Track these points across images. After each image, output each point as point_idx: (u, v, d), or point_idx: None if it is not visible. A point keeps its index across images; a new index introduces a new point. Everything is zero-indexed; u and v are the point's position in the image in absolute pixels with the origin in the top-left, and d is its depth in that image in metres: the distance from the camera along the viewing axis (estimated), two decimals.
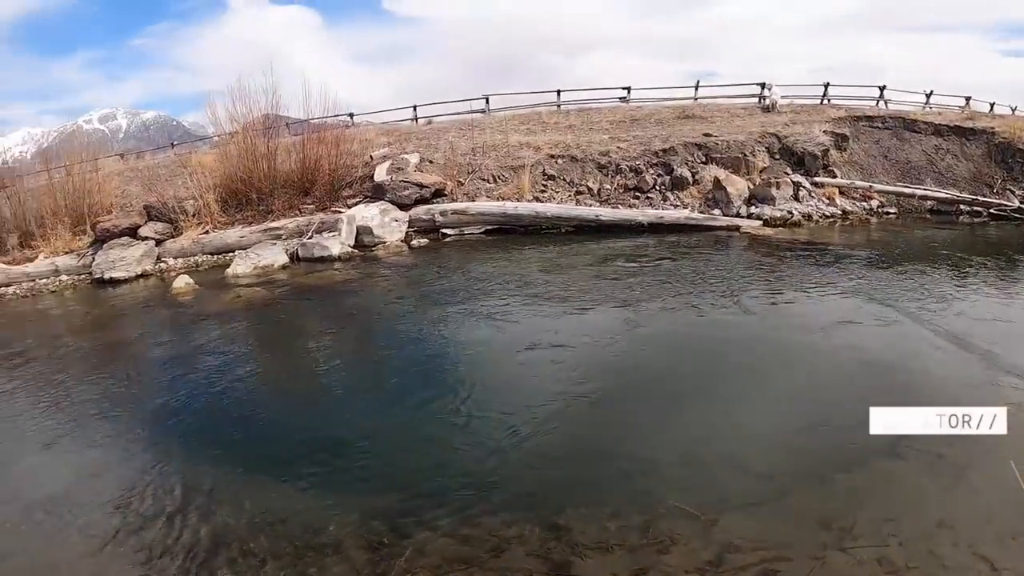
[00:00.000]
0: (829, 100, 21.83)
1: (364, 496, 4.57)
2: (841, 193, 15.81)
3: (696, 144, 16.45)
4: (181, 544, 4.48)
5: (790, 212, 14.47)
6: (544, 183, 15.85)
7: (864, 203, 15.77)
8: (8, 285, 17.16)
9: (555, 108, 21.60)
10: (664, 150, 16.24)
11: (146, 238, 16.54)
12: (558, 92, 22.20)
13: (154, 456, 5.96)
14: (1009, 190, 16.19)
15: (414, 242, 14.42)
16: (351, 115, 22.40)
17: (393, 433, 5.55)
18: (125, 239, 16.57)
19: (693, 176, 15.78)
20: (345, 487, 4.77)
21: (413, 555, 3.83)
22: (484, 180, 16.01)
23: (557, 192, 15.65)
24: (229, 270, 13.77)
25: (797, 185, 15.50)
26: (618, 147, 16.67)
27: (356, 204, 15.53)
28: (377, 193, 15.46)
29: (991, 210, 15.45)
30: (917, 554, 3.43)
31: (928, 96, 23.27)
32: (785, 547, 3.53)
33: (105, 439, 6.59)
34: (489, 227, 14.58)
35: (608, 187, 15.77)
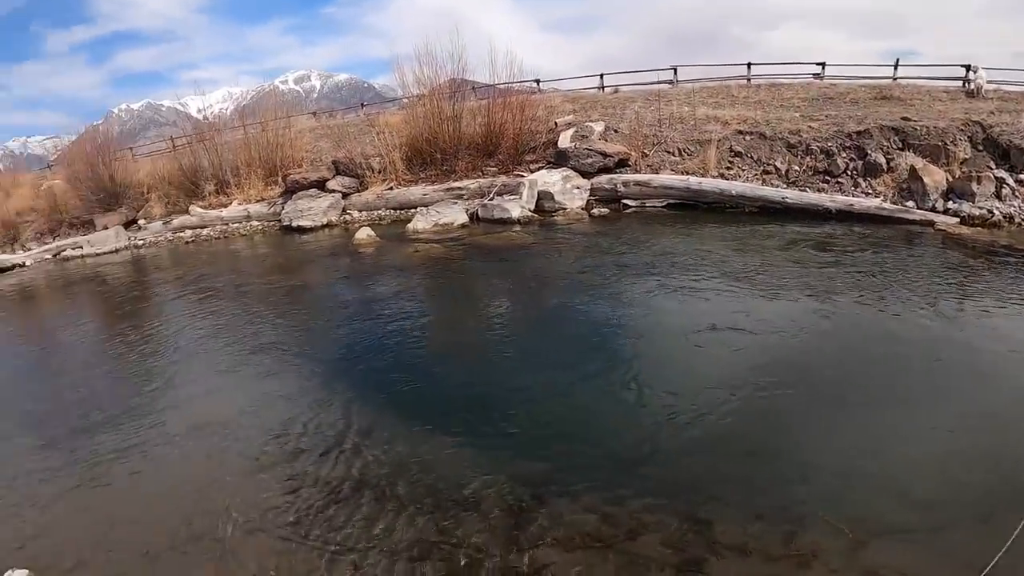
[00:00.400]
0: None
1: (512, 458, 4.51)
2: None
3: (892, 128, 15.17)
4: (329, 478, 4.57)
5: (990, 211, 13.00)
6: (730, 160, 15.18)
7: None
8: (203, 227, 18.52)
9: (745, 82, 20.68)
10: (858, 132, 15.10)
11: (333, 191, 17.28)
12: (748, 65, 21.22)
13: (320, 393, 6.16)
14: None
15: (594, 211, 14.05)
16: (537, 81, 22.40)
17: (552, 399, 5.42)
18: (313, 191, 17.38)
19: (888, 163, 14.59)
20: (495, 446, 4.71)
21: (550, 524, 3.79)
22: (669, 153, 15.53)
23: (743, 170, 14.95)
24: (410, 225, 13.97)
25: (1000, 181, 13.94)
26: (809, 126, 15.69)
27: (538, 169, 15.35)
28: (560, 159, 15.23)
29: None
30: None
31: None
32: None
33: (277, 372, 6.88)
34: (671, 201, 14.07)
35: (796, 168, 14.90)
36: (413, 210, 15.30)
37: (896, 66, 20.92)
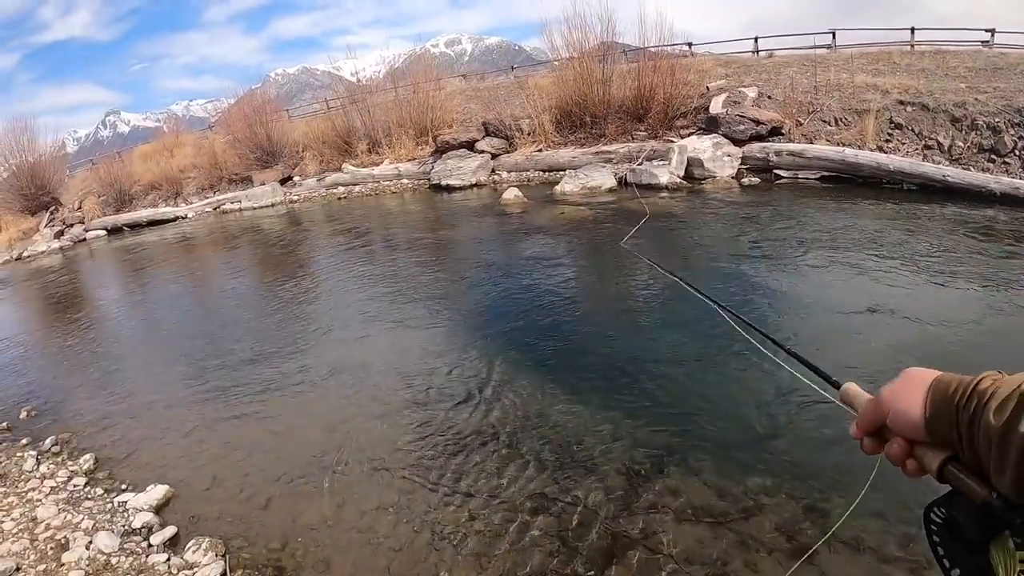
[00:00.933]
0: None
1: (638, 425, 4.54)
2: None
3: None
4: (456, 427, 4.82)
5: None
6: (889, 132, 14.56)
7: None
8: (355, 184, 19.57)
9: (907, 48, 19.74)
10: None
11: (482, 151, 17.78)
12: (912, 30, 20.13)
13: (458, 345, 6.47)
14: None
15: (745, 180, 13.80)
16: (689, 44, 22.16)
17: (686, 372, 5.37)
18: (462, 151, 17.96)
19: None
20: (623, 412, 4.75)
21: (666, 494, 3.81)
22: (824, 122, 15.06)
23: (903, 143, 14.31)
24: (557, 187, 14.20)
25: None
26: (976, 99, 14.79)
27: (688, 135, 15.17)
28: (711, 126, 14.96)
29: None
30: None
31: None
32: None
33: (419, 323, 7.28)
34: (825, 174, 13.64)
35: (960, 144, 14.12)
36: (561, 172, 15.55)
37: None
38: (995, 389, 0.72)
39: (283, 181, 21.51)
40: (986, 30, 19.72)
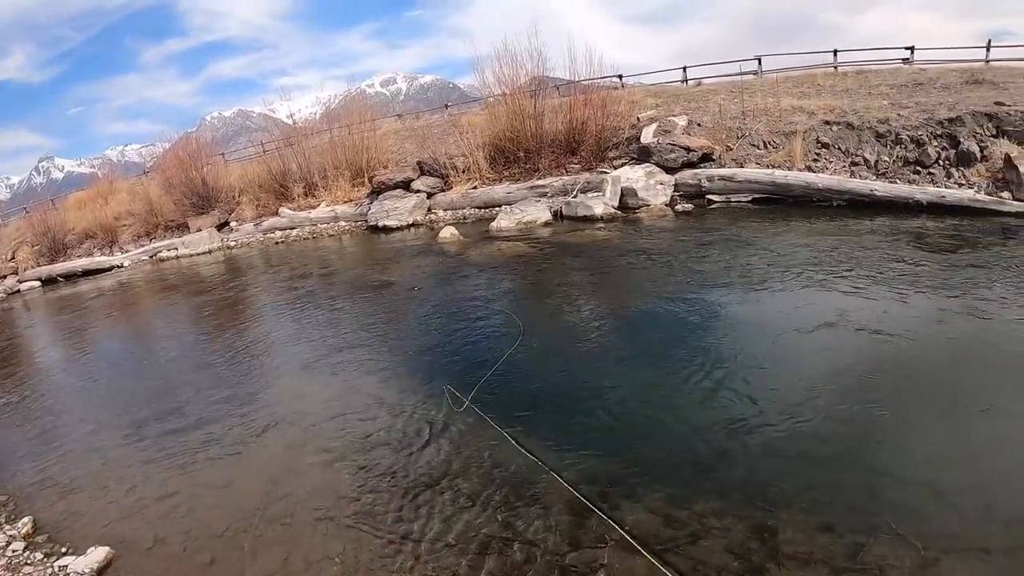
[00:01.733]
0: None
1: (584, 456, 4.57)
2: None
3: (986, 114, 14.55)
4: (400, 472, 4.76)
5: None
6: (817, 151, 14.85)
7: None
8: (293, 228, 19.35)
9: (831, 70, 20.25)
10: (950, 120, 14.51)
11: (418, 191, 17.69)
12: (835, 52, 20.71)
13: (397, 389, 6.38)
14: None
15: (679, 206, 13.89)
16: (620, 76, 22.41)
17: (632, 400, 5.43)
18: (399, 191, 17.83)
19: (981, 151, 13.95)
20: (567, 442, 4.78)
21: (612, 524, 3.80)
22: (754, 146, 15.30)
23: (831, 162, 14.60)
24: (493, 224, 14.17)
25: None
26: (898, 114, 15.20)
27: (621, 165, 15.26)
28: (643, 155, 15.10)
29: None
30: None
31: None
32: None
33: (356, 368, 7.17)
34: (756, 195, 13.81)
35: (886, 159, 14.45)
36: (497, 208, 15.49)
37: (988, 47, 20.17)
38: None
39: (220, 227, 21.14)
40: (906, 48, 20.32)
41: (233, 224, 21.22)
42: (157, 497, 5.15)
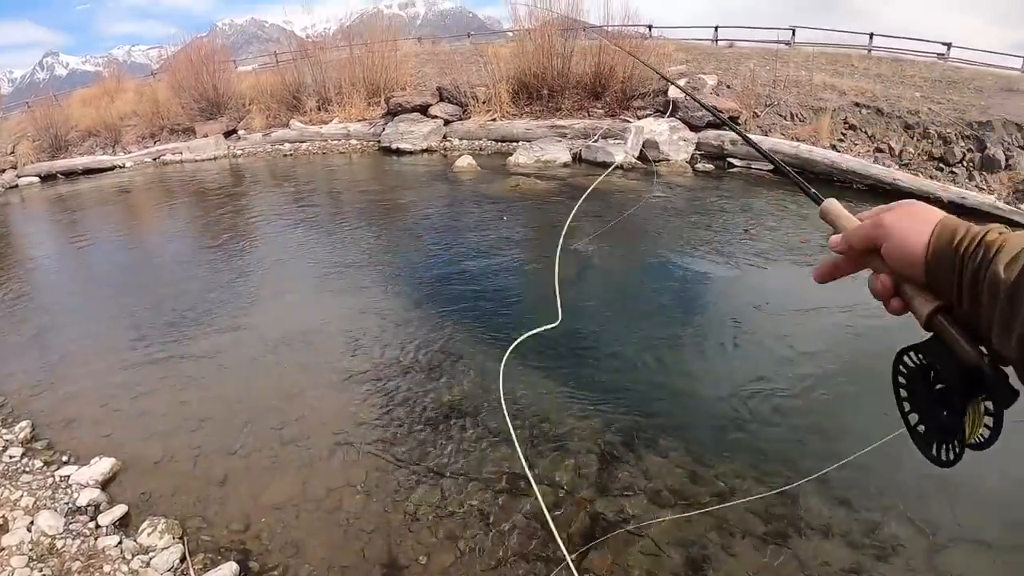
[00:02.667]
0: None
1: (606, 404, 4.48)
2: None
3: (1016, 124, 14.52)
4: (419, 400, 4.65)
5: None
6: (843, 132, 14.70)
7: None
8: (302, 141, 18.90)
9: (865, 53, 20.03)
10: (980, 123, 14.42)
11: (435, 117, 17.35)
12: (870, 35, 20.46)
13: (414, 315, 6.25)
14: None
15: (699, 165, 13.76)
16: (649, 27, 21.98)
17: (649, 353, 5.31)
18: (415, 115, 17.47)
19: (1007, 160, 13.91)
20: (590, 389, 4.69)
21: (639, 475, 3.78)
22: (781, 116, 15.09)
23: (855, 144, 14.48)
24: (511, 158, 13.96)
25: None
26: (929, 108, 15.06)
27: (646, 117, 15.03)
28: (668, 109, 15.04)
29: None
30: None
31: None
32: None
33: (371, 288, 7.02)
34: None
35: (911, 151, 14.35)
36: (515, 144, 15.28)
37: None
38: (1003, 242, 0.67)
39: (227, 134, 20.63)
40: (943, 43, 20.07)
41: (241, 133, 20.74)
42: (165, 407, 4.92)
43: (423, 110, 17.55)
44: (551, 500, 3.57)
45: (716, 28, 22.40)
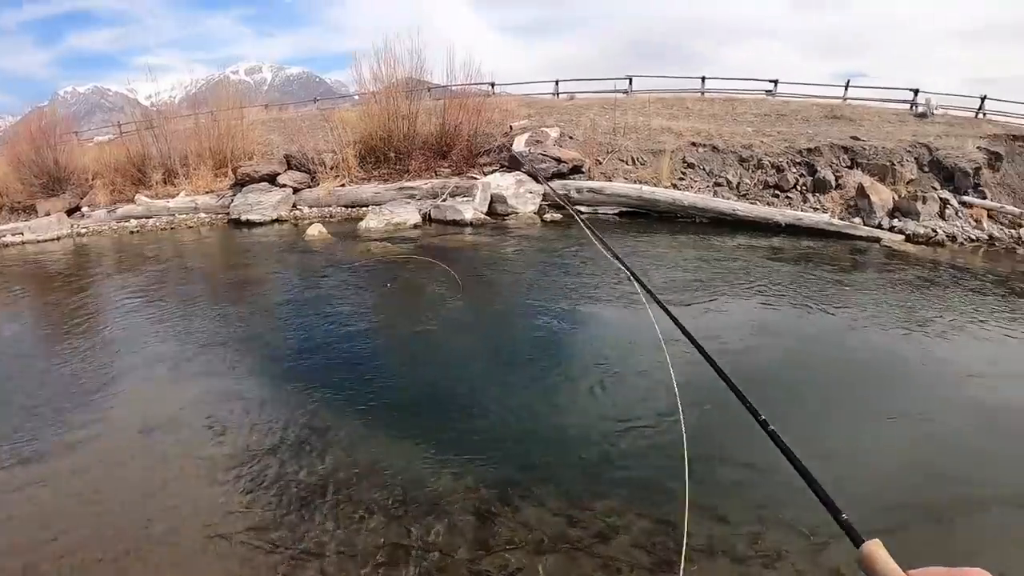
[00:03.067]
0: (985, 114, 20.35)
1: (475, 460, 4.46)
2: (989, 216, 14.57)
3: (842, 147, 15.54)
4: (289, 481, 4.44)
5: (934, 230, 13.43)
6: (683, 171, 15.37)
7: (1012, 231, 14.45)
8: (149, 217, 18.08)
9: (699, 95, 21.01)
10: (809, 149, 15.43)
11: (284, 185, 17.01)
12: (703, 79, 21.56)
13: (270, 391, 5.99)
14: None
15: (547, 216, 14.11)
16: (492, 84, 22.37)
17: (510, 402, 5.36)
18: (264, 184, 17.10)
19: (836, 180, 14.94)
20: (458, 449, 4.65)
21: (518, 527, 3.76)
22: (623, 161, 15.64)
23: (695, 181, 15.15)
24: (362, 224, 13.86)
25: (944, 202, 14.40)
26: (761, 141, 15.98)
27: (492, 172, 15.35)
28: (514, 163, 15.24)
29: None
30: None
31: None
32: None
33: (225, 368, 6.69)
34: (623, 209, 14.21)
35: (748, 182, 15.15)
36: (365, 208, 15.17)
37: (847, 87, 21.46)
38: None
39: (71, 211, 19.47)
40: (770, 80, 21.26)
41: (85, 210, 19.63)
42: (20, 516, 4.42)
43: (272, 179, 17.20)
44: (433, 565, 3.49)
45: (557, 82, 23.07)
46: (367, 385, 5.92)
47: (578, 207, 14.27)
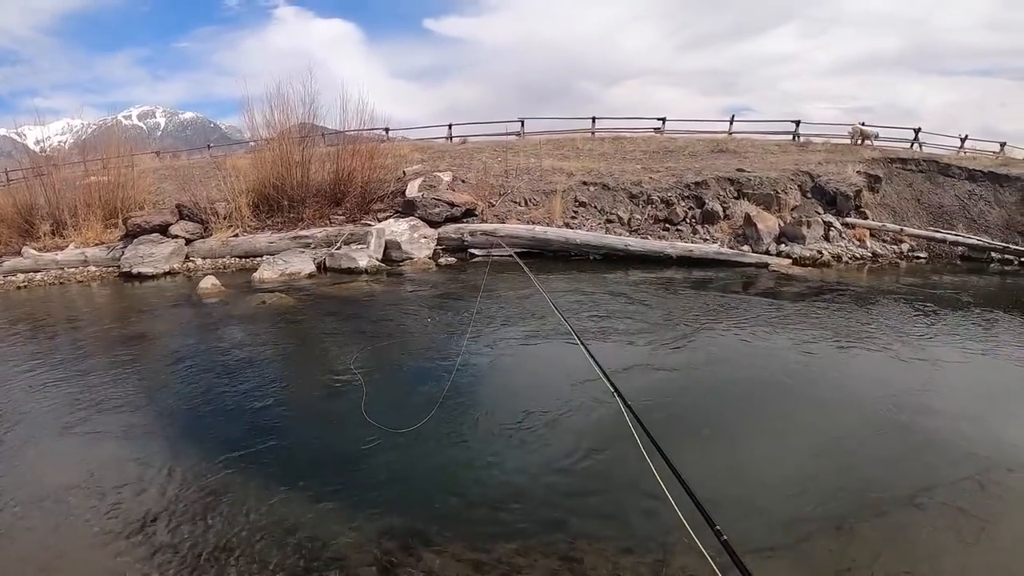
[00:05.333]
0: (863, 141, 21.67)
1: (375, 511, 4.52)
2: (872, 235, 15.60)
3: (728, 179, 16.35)
4: (187, 545, 4.42)
5: (820, 252, 14.32)
6: (575, 209, 15.83)
7: (894, 246, 15.53)
8: (37, 271, 17.41)
9: (589, 135, 21.64)
10: (696, 183, 16.15)
11: (176, 236, 16.73)
12: (593, 119, 22.24)
13: (166, 453, 5.91)
14: None
15: (442, 260, 14.40)
16: (386, 130, 22.50)
17: (408, 449, 5.46)
18: (155, 236, 16.76)
19: (724, 211, 15.70)
20: (357, 501, 4.70)
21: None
22: (515, 203, 16.02)
23: (587, 219, 15.62)
24: (256, 274, 13.80)
25: (828, 225, 15.38)
26: (650, 177, 16.62)
27: (386, 218, 15.55)
28: (408, 209, 15.49)
29: (1023, 259, 15.04)
30: None
31: (963, 140, 23.21)
32: None
33: (119, 432, 6.54)
34: (518, 250, 14.49)
35: (639, 217, 15.72)
36: (259, 258, 15.06)
37: (731, 121, 22.47)
38: None
39: None
40: (658, 118, 22.07)
41: None
42: None
43: (163, 230, 16.88)
44: None
45: (450, 126, 23.41)
46: (265, 442, 5.91)
47: (472, 250, 14.52)
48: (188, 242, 16.71)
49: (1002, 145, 23.50)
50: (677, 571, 3.66)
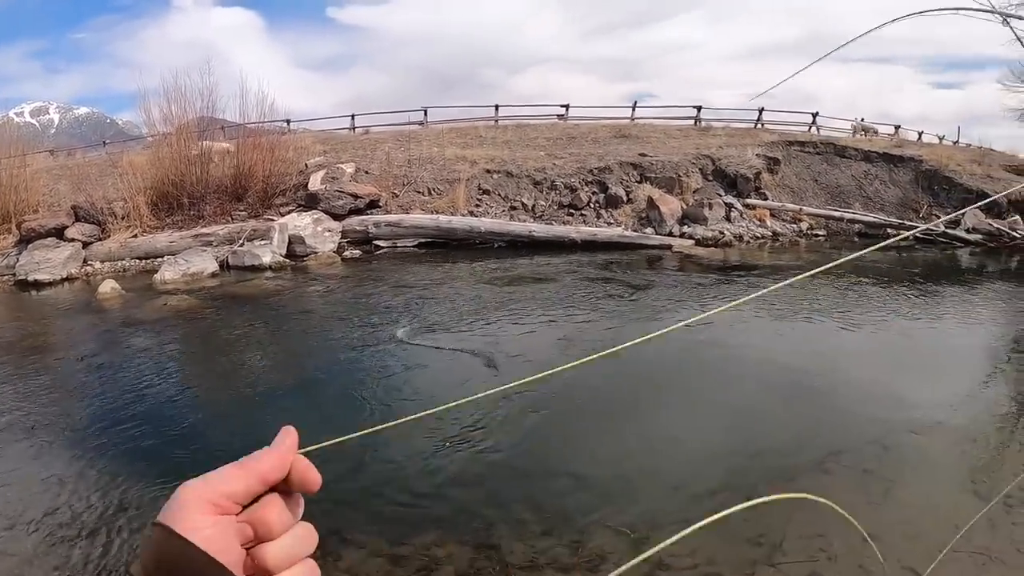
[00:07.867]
0: (763, 124, 22.51)
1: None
2: (772, 215, 16.35)
3: (631, 163, 16.82)
4: (102, 564, 4.40)
5: (721, 232, 14.92)
6: (479, 197, 16.05)
7: (794, 225, 16.33)
8: None
9: (493, 123, 21.84)
10: (600, 168, 16.55)
11: (73, 239, 16.20)
12: (496, 107, 22.46)
13: (75, 469, 5.82)
14: (935, 215, 16.98)
15: (346, 253, 14.48)
16: (287, 122, 22.22)
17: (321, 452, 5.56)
18: (51, 240, 16.20)
19: (627, 195, 16.16)
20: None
21: (340, 573, 3.88)
22: (419, 192, 16.15)
23: (492, 207, 15.85)
24: (157, 276, 13.60)
25: (729, 206, 16.02)
26: (554, 164, 16.95)
27: (289, 212, 15.53)
28: (311, 202, 15.49)
29: (916, 234, 15.83)
30: (846, 568, 3.57)
31: (858, 128, 24.33)
32: (715, 563, 3.63)
33: (22, 449, 6.40)
34: (423, 240, 14.70)
35: (543, 203, 16.04)
36: (160, 259, 14.82)
37: (634, 107, 23.02)
38: None
39: None
40: (561, 105, 22.42)
41: None
42: None
43: (59, 233, 16.33)
44: None
45: (352, 116, 23.32)
46: (174, 451, 5.87)
47: (377, 242, 14.59)
48: (85, 245, 16.20)
49: (896, 128, 24.73)
50: (594, 550, 3.74)
